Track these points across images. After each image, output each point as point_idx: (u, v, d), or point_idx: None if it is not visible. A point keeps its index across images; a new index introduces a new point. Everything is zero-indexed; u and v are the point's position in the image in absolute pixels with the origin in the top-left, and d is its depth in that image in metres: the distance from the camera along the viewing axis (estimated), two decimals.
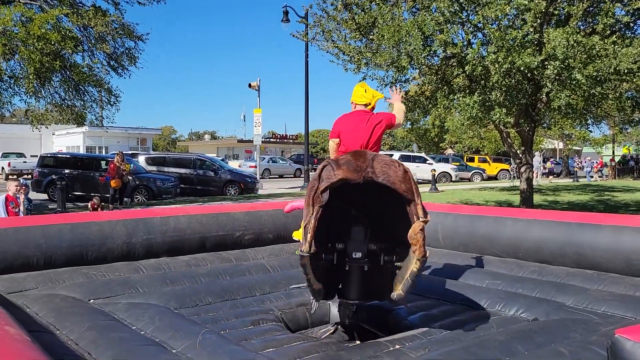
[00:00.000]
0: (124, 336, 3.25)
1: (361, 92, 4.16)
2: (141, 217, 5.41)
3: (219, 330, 3.62)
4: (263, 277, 4.98)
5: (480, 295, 4.37)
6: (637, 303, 3.96)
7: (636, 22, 9.67)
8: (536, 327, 3.52)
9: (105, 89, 14.58)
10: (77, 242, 4.92)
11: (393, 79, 10.55)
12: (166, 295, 4.33)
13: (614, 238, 4.69)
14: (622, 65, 8.52)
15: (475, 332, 3.61)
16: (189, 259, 5.32)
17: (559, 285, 4.49)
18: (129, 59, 15.23)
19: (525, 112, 10.98)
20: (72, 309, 3.83)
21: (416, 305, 4.26)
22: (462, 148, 43.30)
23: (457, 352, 2.99)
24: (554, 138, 41.24)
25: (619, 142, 46.01)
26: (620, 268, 4.61)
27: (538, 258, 5.17)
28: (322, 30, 11.10)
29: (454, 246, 5.86)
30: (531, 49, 9.01)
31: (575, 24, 9.03)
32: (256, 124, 24.11)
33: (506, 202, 16.71)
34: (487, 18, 9.22)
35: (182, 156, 23.27)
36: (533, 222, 5.36)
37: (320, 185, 3.18)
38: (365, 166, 3.21)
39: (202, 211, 5.83)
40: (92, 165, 18.72)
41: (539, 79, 9.70)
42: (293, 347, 3.38)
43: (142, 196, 17.88)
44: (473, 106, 9.67)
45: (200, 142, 64.72)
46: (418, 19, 9.58)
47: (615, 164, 38.51)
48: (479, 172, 34.14)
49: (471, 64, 9.32)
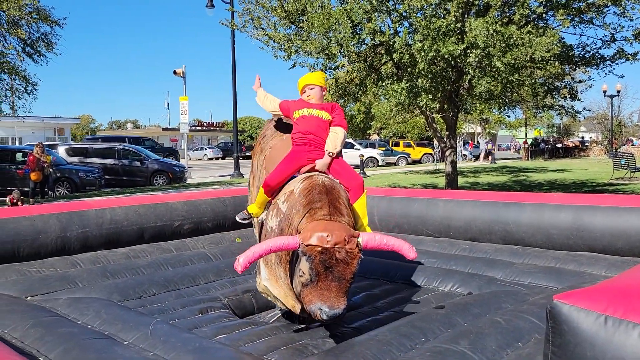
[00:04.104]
0: (71, 331, 3.19)
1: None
2: (76, 210, 5.24)
3: (167, 320, 3.62)
4: (206, 266, 4.98)
5: (418, 274, 4.62)
6: (558, 274, 4.33)
7: (548, 13, 10.30)
8: (471, 300, 3.78)
9: (21, 76, 13.75)
10: (8, 238, 4.71)
11: (323, 66, 10.70)
12: (108, 288, 4.26)
13: (536, 215, 5.07)
14: (537, 53, 9.09)
15: (417, 308, 3.83)
16: (127, 251, 5.23)
17: (488, 261, 4.81)
18: (46, 45, 14.44)
19: (449, 98, 11.46)
20: (10, 306, 3.69)
21: (358, 286, 4.44)
22: (388, 134, 44.38)
23: (402, 327, 3.16)
24: (474, 122, 43.13)
25: (531, 126, 48.74)
26: (541, 242, 5.00)
27: (468, 236, 5.49)
28: (252, 18, 11.05)
29: (390, 228, 6.09)
30: (454, 37, 9.41)
31: (494, 14, 9.51)
32: (182, 111, 23.59)
33: (431, 184, 17.39)
34: (412, 7, 9.53)
35: (105, 146, 22.40)
36: (462, 202, 5.67)
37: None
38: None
39: (139, 202, 5.72)
40: (7, 158, 17.67)
41: (462, 67, 10.16)
42: (244, 332, 3.45)
43: (64, 189, 17.12)
44: (401, 93, 10.00)
45: (122, 131, 62.37)
46: (347, 7, 9.75)
47: (528, 146, 40.83)
48: (404, 157, 35.21)
49: (399, 52, 9.62)
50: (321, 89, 3.64)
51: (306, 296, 2.85)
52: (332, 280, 2.78)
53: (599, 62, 11.02)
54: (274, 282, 3.40)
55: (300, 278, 2.89)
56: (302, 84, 3.65)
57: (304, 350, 3.07)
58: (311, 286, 2.81)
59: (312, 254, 2.78)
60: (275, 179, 3.44)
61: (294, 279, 3.03)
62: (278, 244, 2.86)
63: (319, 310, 2.76)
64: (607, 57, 10.94)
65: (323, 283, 2.78)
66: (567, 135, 51.16)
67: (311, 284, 2.81)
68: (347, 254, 2.80)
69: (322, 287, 2.79)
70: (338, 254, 2.78)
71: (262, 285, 3.61)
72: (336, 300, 2.77)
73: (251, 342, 3.26)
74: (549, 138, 47.19)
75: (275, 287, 3.39)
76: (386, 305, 3.96)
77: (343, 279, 2.80)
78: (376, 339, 2.97)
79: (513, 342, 2.97)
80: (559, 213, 4.91)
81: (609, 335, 1.72)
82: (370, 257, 5.19)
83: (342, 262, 2.78)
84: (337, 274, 2.78)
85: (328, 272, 2.78)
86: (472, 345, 2.85)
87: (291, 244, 2.86)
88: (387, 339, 2.97)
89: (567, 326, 1.81)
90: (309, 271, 2.79)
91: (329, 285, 2.78)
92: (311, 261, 2.78)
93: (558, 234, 4.89)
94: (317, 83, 3.61)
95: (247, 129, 66.26)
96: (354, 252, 2.82)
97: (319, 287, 2.79)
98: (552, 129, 50.66)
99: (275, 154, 3.74)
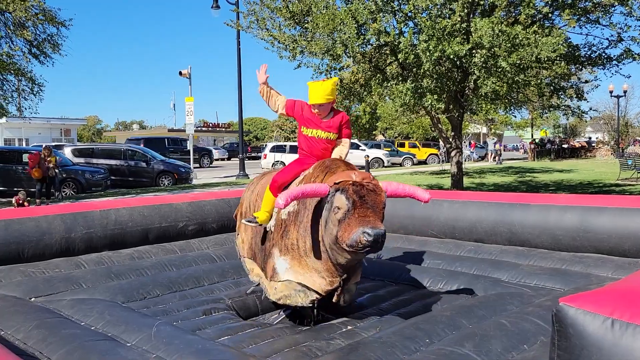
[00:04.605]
0: (74, 332, 3.18)
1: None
2: (80, 211, 5.24)
3: (171, 321, 3.61)
4: (210, 267, 4.97)
5: (422, 275, 4.59)
6: (564, 275, 4.29)
7: (554, 13, 10.25)
8: (477, 302, 3.75)
9: (28, 77, 13.81)
10: (12, 239, 4.72)
11: (328, 66, 10.69)
12: (112, 289, 4.25)
13: (542, 216, 5.03)
14: (543, 53, 9.04)
15: (421, 310, 3.80)
16: (132, 252, 5.22)
17: (494, 262, 4.78)
18: (52, 46, 14.48)
19: (455, 99, 11.42)
20: (14, 307, 3.69)
21: (363, 287, 4.41)
22: (393, 134, 44.32)
23: (407, 329, 3.14)
24: (479, 123, 43.01)
25: (537, 126, 48.56)
26: (547, 244, 4.96)
27: (473, 237, 5.46)
28: (257, 19, 11.06)
29: (394, 229, 6.06)
30: (460, 37, 9.38)
31: (499, 14, 9.47)
32: (188, 112, 23.62)
33: (437, 185, 17.34)
34: (417, 7, 9.51)
35: (111, 147, 22.48)
36: (468, 203, 5.64)
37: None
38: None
39: (143, 203, 5.72)
40: (14, 159, 17.73)
41: (467, 67, 10.12)
42: (248, 334, 3.44)
43: (70, 189, 17.17)
44: (406, 93, 9.98)
45: (128, 132, 62.58)
46: (352, 7, 9.73)
47: (534, 146, 40.66)
48: (410, 157, 35.12)
49: (404, 52, 9.59)
50: (330, 104, 3.72)
51: (345, 229, 3.02)
52: (367, 207, 3.03)
53: (606, 62, 10.94)
54: (297, 267, 3.46)
55: (335, 216, 3.08)
56: (312, 100, 3.66)
57: (308, 353, 3.05)
58: (348, 218, 3.02)
59: (345, 186, 3.06)
60: (282, 177, 3.64)
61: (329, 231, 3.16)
62: (310, 187, 3.11)
63: (363, 234, 2.92)
64: (614, 57, 10.87)
65: (360, 210, 3.02)
66: (573, 136, 50.94)
67: (348, 216, 3.02)
68: (375, 186, 3.11)
69: (359, 214, 3.01)
70: (367, 185, 3.08)
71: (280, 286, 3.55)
72: (375, 222, 2.99)
73: (255, 343, 3.24)
74: (555, 138, 46.96)
75: (299, 271, 3.45)
76: (391, 307, 3.94)
77: (376, 207, 3.07)
78: (380, 341, 2.96)
79: (518, 344, 2.94)
80: (565, 214, 4.87)
81: (616, 339, 1.70)
82: (374, 259, 5.18)
83: (372, 192, 3.07)
84: (370, 202, 3.05)
85: (362, 200, 3.03)
86: (477, 347, 2.82)
87: (321, 188, 3.11)
88: (391, 341, 2.95)
89: (573, 330, 1.78)
90: (345, 202, 3.03)
91: (366, 212, 3.03)
92: (345, 192, 3.04)
93: (564, 235, 4.85)
94: (326, 102, 3.66)
95: (252, 129, 66.37)
96: (379, 186, 3.15)
97: (357, 215, 3.01)
98: (558, 130, 50.43)
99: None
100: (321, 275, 3.39)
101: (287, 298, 3.52)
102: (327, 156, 3.69)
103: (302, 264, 3.45)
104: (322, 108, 3.68)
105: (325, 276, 3.38)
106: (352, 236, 2.95)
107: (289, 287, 3.51)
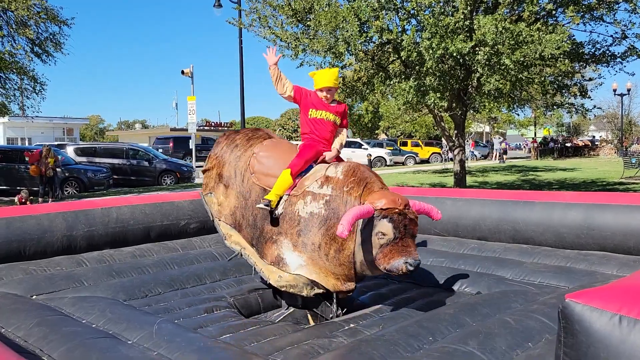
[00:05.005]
0: (75, 330, 3.17)
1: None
2: (81, 209, 5.23)
3: (172, 319, 3.59)
4: (212, 265, 4.95)
5: (426, 273, 4.56)
6: (569, 273, 4.25)
7: (558, 10, 10.20)
8: (480, 300, 3.72)
9: (30, 76, 13.80)
10: (14, 237, 4.70)
11: (330, 64, 10.65)
12: (114, 287, 4.23)
13: (546, 213, 4.99)
14: (547, 51, 8.99)
15: (424, 308, 3.77)
16: (133, 250, 5.21)
17: (497, 260, 4.74)
18: (54, 44, 14.47)
19: (458, 97, 11.38)
20: (14, 305, 3.68)
21: (365, 285, 4.39)
22: (396, 133, 44.24)
23: (410, 326, 3.11)
24: (482, 122, 42.90)
25: (540, 125, 48.41)
26: (551, 241, 4.92)
27: (477, 235, 5.42)
28: (259, 17, 11.02)
29: None
30: (463, 35, 9.33)
31: (502, 11, 9.43)
32: (190, 111, 23.61)
33: (440, 184, 17.31)
34: (420, 5, 9.46)
35: (113, 146, 22.49)
36: (471, 201, 5.61)
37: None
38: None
39: (145, 201, 5.70)
40: (16, 158, 17.75)
41: (470, 64, 10.07)
42: (249, 332, 3.41)
43: (73, 188, 17.19)
44: (409, 91, 9.94)
45: (131, 131, 62.62)
46: (354, 5, 9.70)
47: (537, 145, 40.55)
48: (412, 156, 35.04)
49: (406, 50, 9.55)
50: (336, 89, 3.96)
51: (387, 255, 3.24)
52: (409, 237, 3.28)
53: (610, 60, 10.88)
54: (313, 266, 3.53)
55: (378, 240, 3.27)
56: (321, 83, 3.85)
57: (310, 350, 3.02)
58: (391, 245, 3.23)
59: (392, 215, 3.23)
60: (298, 163, 3.74)
61: (365, 247, 3.36)
62: (359, 211, 3.24)
63: (405, 264, 3.17)
64: (618, 54, 10.82)
65: (403, 240, 3.24)
66: (576, 134, 50.76)
67: (391, 244, 3.23)
68: (415, 215, 3.36)
69: (402, 244, 3.24)
70: (410, 214, 3.31)
71: (287, 277, 3.58)
72: (415, 252, 3.25)
73: (257, 341, 3.22)
74: (558, 137, 46.83)
75: (314, 271, 3.53)
76: (394, 305, 3.91)
77: (415, 235, 3.34)
78: (383, 339, 2.93)
79: (523, 342, 2.91)
80: (569, 211, 4.83)
81: (623, 336, 1.67)
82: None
83: (412, 221, 3.31)
84: (411, 232, 3.30)
85: (406, 230, 3.26)
86: (481, 345, 2.79)
87: (368, 210, 3.26)
88: (394, 339, 2.93)
89: (580, 326, 1.75)
90: (393, 231, 3.22)
91: (408, 241, 3.26)
92: (393, 222, 3.23)
93: (568, 233, 4.81)
94: (334, 85, 3.88)
95: None
96: (416, 214, 3.40)
97: (400, 244, 3.23)
98: (561, 128, 50.25)
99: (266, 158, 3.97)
100: (338, 278, 3.54)
101: (292, 287, 3.60)
102: (332, 141, 3.90)
103: (319, 265, 3.54)
104: (330, 92, 3.87)
105: (342, 280, 3.55)
106: (394, 263, 3.19)
107: (298, 279, 3.56)
